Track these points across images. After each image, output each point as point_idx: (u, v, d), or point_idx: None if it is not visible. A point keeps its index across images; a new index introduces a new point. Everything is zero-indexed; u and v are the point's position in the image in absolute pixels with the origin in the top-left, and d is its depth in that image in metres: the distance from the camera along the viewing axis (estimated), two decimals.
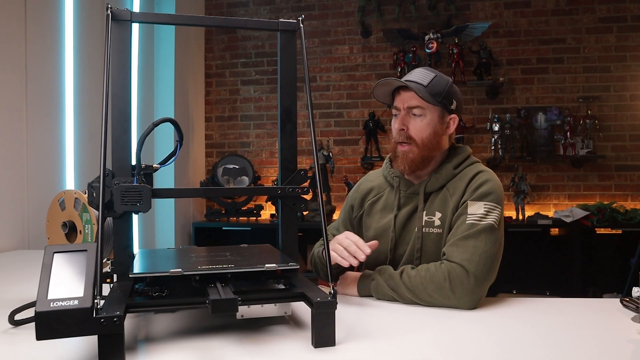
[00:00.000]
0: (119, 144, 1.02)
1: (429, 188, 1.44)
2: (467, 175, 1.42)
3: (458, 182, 1.43)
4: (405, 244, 1.46)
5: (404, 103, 1.43)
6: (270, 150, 4.35)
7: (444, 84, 1.44)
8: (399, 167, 1.46)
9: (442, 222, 1.40)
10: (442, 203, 1.42)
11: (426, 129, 1.42)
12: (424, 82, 1.41)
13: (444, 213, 1.40)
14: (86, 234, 1.11)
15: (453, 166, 1.45)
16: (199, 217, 4.21)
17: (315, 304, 0.85)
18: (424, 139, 1.42)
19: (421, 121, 1.43)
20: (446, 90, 1.43)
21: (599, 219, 3.55)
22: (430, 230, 1.41)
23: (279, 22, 1.13)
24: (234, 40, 4.41)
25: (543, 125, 3.92)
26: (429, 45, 3.91)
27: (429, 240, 1.40)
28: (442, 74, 1.47)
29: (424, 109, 1.42)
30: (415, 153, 1.42)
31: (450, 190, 1.42)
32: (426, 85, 1.41)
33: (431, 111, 1.43)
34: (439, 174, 1.45)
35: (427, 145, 1.42)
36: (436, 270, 1.24)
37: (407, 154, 1.42)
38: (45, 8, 2.48)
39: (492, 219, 1.32)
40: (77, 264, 0.81)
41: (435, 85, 1.42)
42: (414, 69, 1.49)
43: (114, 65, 1.01)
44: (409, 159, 1.42)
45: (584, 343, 0.92)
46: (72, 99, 2.66)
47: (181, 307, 0.99)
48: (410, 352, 0.88)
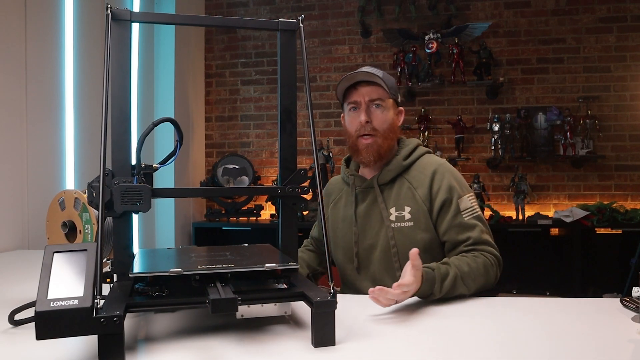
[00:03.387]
0: (119, 144, 1.02)
1: (381, 180, 1.52)
2: (427, 169, 1.50)
3: (419, 175, 1.50)
4: (370, 237, 1.52)
5: (364, 97, 1.49)
6: (270, 150, 4.35)
7: (392, 79, 1.55)
8: (363, 160, 1.52)
9: (412, 215, 1.47)
10: (409, 197, 1.48)
11: (387, 120, 1.51)
12: (379, 74, 1.49)
13: (414, 207, 1.47)
14: (86, 233, 1.11)
15: (402, 158, 1.52)
16: (199, 217, 4.21)
17: (315, 304, 0.85)
18: (385, 130, 1.50)
19: (382, 112, 1.50)
20: (394, 85, 1.54)
21: (599, 219, 3.55)
22: (401, 224, 1.47)
23: (279, 22, 1.13)
24: (234, 40, 4.41)
25: (543, 125, 3.92)
26: (429, 45, 3.92)
27: (402, 234, 1.47)
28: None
29: (384, 100, 1.50)
30: (379, 143, 1.49)
31: (413, 184, 1.49)
32: (381, 77, 1.49)
33: (389, 103, 1.52)
34: (390, 165, 1.52)
35: (389, 136, 1.51)
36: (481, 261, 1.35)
37: (371, 145, 1.49)
38: (45, 8, 2.48)
39: (477, 206, 1.46)
40: (77, 264, 0.81)
41: (387, 79, 1.51)
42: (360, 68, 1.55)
43: (114, 65, 1.01)
44: (374, 149, 1.49)
45: (584, 343, 0.92)
46: (72, 99, 2.66)
47: (181, 306, 0.99)
48: (410, 351, 0.88)
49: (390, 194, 1.51)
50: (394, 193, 1.51)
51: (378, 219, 1.51)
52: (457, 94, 4.08)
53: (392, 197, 1.51)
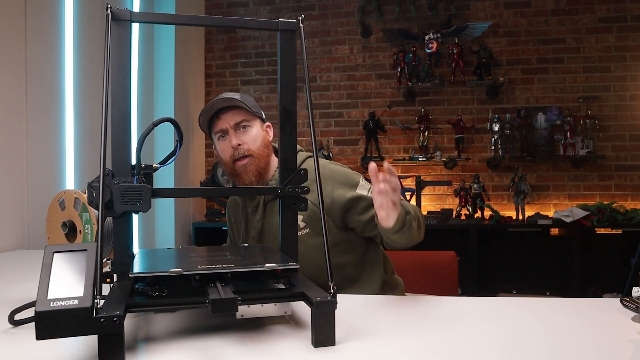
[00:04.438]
0: (119, 144, 1.02)
1: (267, 197, 1.52)
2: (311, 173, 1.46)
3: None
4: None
5: (229, 122, 1.49)
6: None
7: (251, 98, 1.56)
8: (245, 182, 1.51)
9: (306, 222, 1.47)
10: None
11: (257, 138, 1.51)
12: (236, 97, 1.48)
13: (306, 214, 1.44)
14: (86, 233, 1.11)
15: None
16: (199, 217, 4.21)
17: (315, 304, 0.85)
18: (259, 148, 1.50)
19: (251, 132, 1.50)
20: (255, 103, 1.55)
21: (599, 219, 3.55)
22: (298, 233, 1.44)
23: (279, 22, 1.13)
24: (234, 40, 4.42)
25: (543, 125, 3.92)
26: (429, 45, 3.92)
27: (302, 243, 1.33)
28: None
29: (249, 120, 1.51)
30: (255, 163, 1.49)
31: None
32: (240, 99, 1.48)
33: (254, 122, 1.52)
34: (273, 180, 1.52)
35: (262, 153, 1.51)
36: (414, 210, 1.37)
37: (248, 166, 1.49)
38: (45, 8, 2.48)
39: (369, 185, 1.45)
40: (77, 264, 0.81)
41: (245, 99, 1.50)
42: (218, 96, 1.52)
43: (114, 65, 1.01)
44: (253, 168, 1.49)
45: (584, 343, 0.92)
46: (72, 99, 2.66)
47: (181, 306, 0.99)
48: (410, 351, 0.88)
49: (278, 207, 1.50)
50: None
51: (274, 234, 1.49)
52: (457, 94, 4.08)
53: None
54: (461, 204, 3.87)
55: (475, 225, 3.68)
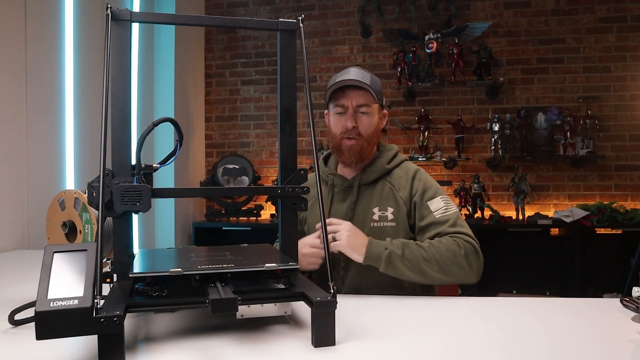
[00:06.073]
0: (119, 144, 1.02)
1: (363, 181, 1.55)
2: (407, 174, 1.54)
3: (400, 179, 1.53)
4: None
5: (352, 101, 1.51)
6: (270, 150, 4.35)
7: (379, 82, 1.56)
8: (345, 160, 1.54)
9: (395, 216, 1.50)
10: (390, 198, 1.52)
11: (372, 125, 1.54)
12: (366, 80, 1.50)
13: (396, 208, 1.50)
14: (86, 233, 1.11)
15: (386, 161, 1.56)
16: (199, 217, 4.21)
17: (315, 304, 0.85)
18: (369, 135, 1.53)
19: (368, 118, 1.53)
20: (381, 89, 1.56)
21: (599, 219, 3.55)
22: (384, 224, 1.50)
23: (279, 22, 1.13)
24: (234, 40, 4.41)
25: (543, 125, 3.92)
26: (429, 45, 3.92)
27: (384, 234, 1.48)
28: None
29: (370, 106, 1.52)
30: (361, 145, 1.52)
31: (395, 186, 1.53)
32: (369, 83, 1.49)
33: (374, 109, 1.54)
34: (373, 167, 1.55)
35: (372, 140, 1.54)
36: (449, 242, 1.35)
37: (354, 147, 1.52)
38: (45, 8, 2.48)
39: (454, 207, 1.48)
40: (77, 264, 0.81)
41: (374, 84, 1.52)
42: (350, 68, 1.55)
43: (114, 65, 1.01)
44: (357, 150, 1.52)
45: (584, 343, 0.92)
46: (72, 99, 2.66)
47: (181, 306, 0.99)
48: (410, 351, 0.88)
49: (372, 194, 1.54)
50: (376, 193, 1.53)
51: (360, 218, 1.52)
52: (457, 94, 4.08)
53: (375, 197, 1.53)
54: (461, 204, 3.87)
55: (476, 225, 3.66)
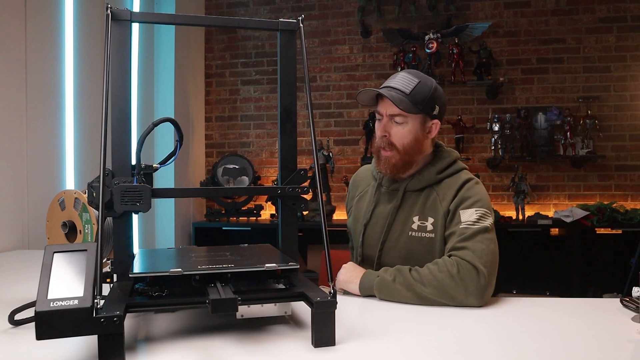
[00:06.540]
0: (119, 144, 1.02)
1: (409, 187, 1.49)
2: (455, 183, 1.45)
3: (447, 189, 1.45)
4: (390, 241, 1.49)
5: (386, 110, 1.46)
6: (270, 150, 4.35)
7: (427, 90, 1.44)
8: (381, 170, 1.51)
9: (434, 227, 1.43)
10: (432, 208, 1.44)
11: (407, 135, 1.45)
12: (406, 89, 1.42)
13: (436, 218, 1.43)
14: (86, 233, 1.11)
15: (437, 171, 1.48)
16: (199, 217, 4.21)
17: (315, 304, 0.85)
18: (405, 145, 1.45)
19: (402, 128, 1.45)
20: (429, 97, 1.44)
21: (599, 219, 3.54)
22: (422, 234, 1.44)
23: (279, 22, 1.13)
24: (234, 40, 4.41)
25: (543, 125, 3.92)
26: (429, 45, 3.91)
27: (421, 245, 1.43)
28: (427, 77, 1.48)
29: (406, 116, 1.44)
30: (396, 159, 1.46)
31: (440, 196, 1.45)
32: (409, 93, 1.42)
33: (412, 119, 1.45)
34: (422, 175, 1.48)
35: (408, 151, 1.46)
36: (444, 262, 1.27)
37: (389, 159, 1.46)
38: (45, 8, 2.48)
39: (485, 223, 1.34)
40: (77, 264, 0.81)
41: (417, 92, 1.43)
42: (398, 73, 1.50)
43: (114, 65, 1.01)
44: (391, 164, 1.46)
45: (584, 343, 0.92)
46: (72, 99, 2.65)
47: (181, 307, 0.99)
48: (410, 351, 0.88)
49: (416, 201, 1.48)
50: (420, 202, 1.47)
51: (399, 225, 1.48)
52: (457, 94, 4.08)
53: (418, 205, 1.47)
54: None
55: None
